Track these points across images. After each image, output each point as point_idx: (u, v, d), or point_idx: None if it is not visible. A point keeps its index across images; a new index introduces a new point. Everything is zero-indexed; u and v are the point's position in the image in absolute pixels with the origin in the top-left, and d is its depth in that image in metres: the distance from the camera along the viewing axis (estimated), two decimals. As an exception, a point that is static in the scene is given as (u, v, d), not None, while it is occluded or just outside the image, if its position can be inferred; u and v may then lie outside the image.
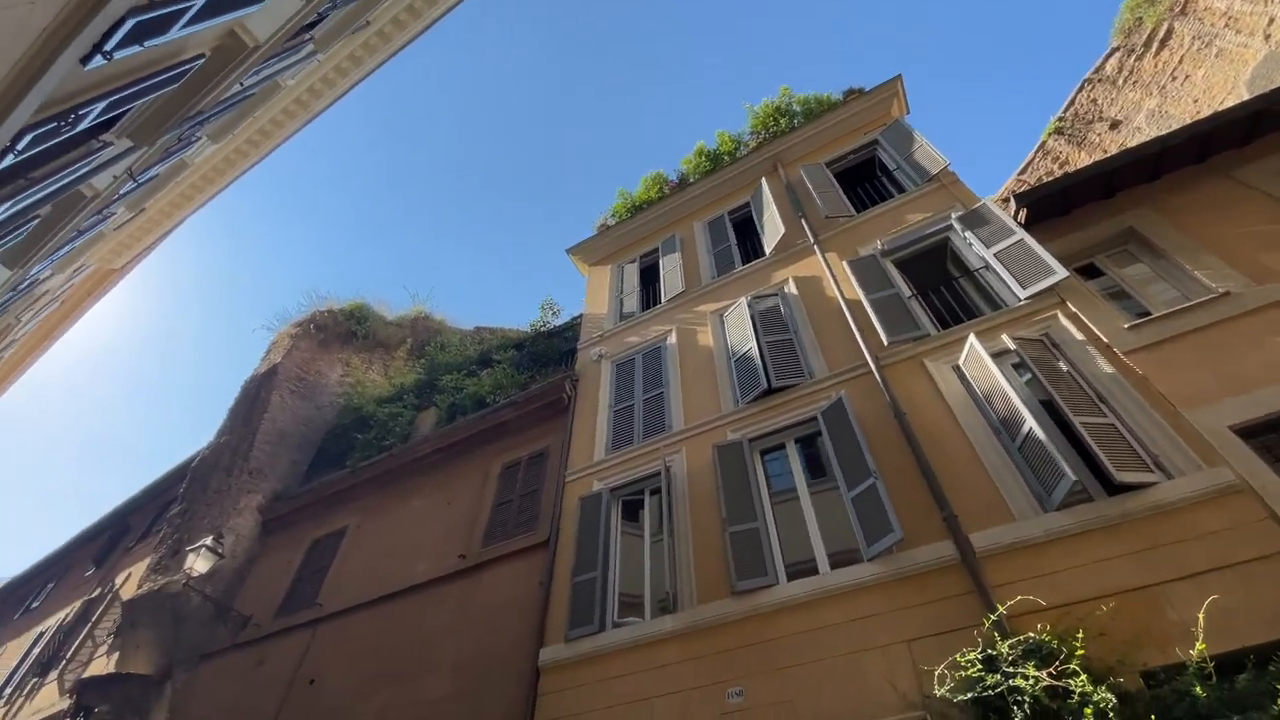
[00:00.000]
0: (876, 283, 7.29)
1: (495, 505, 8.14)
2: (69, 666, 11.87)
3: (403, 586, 7.88)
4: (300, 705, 7.35)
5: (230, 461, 11.56)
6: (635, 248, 11.45)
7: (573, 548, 6.78)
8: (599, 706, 5.39)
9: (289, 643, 8.32)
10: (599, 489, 7.26)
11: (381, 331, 15.12)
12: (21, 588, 19.05)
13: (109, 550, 15.39)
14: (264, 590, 9.54)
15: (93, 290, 19.90)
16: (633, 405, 8.17)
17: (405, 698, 6.57)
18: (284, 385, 12.68)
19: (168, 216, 15.71)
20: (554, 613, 6.37)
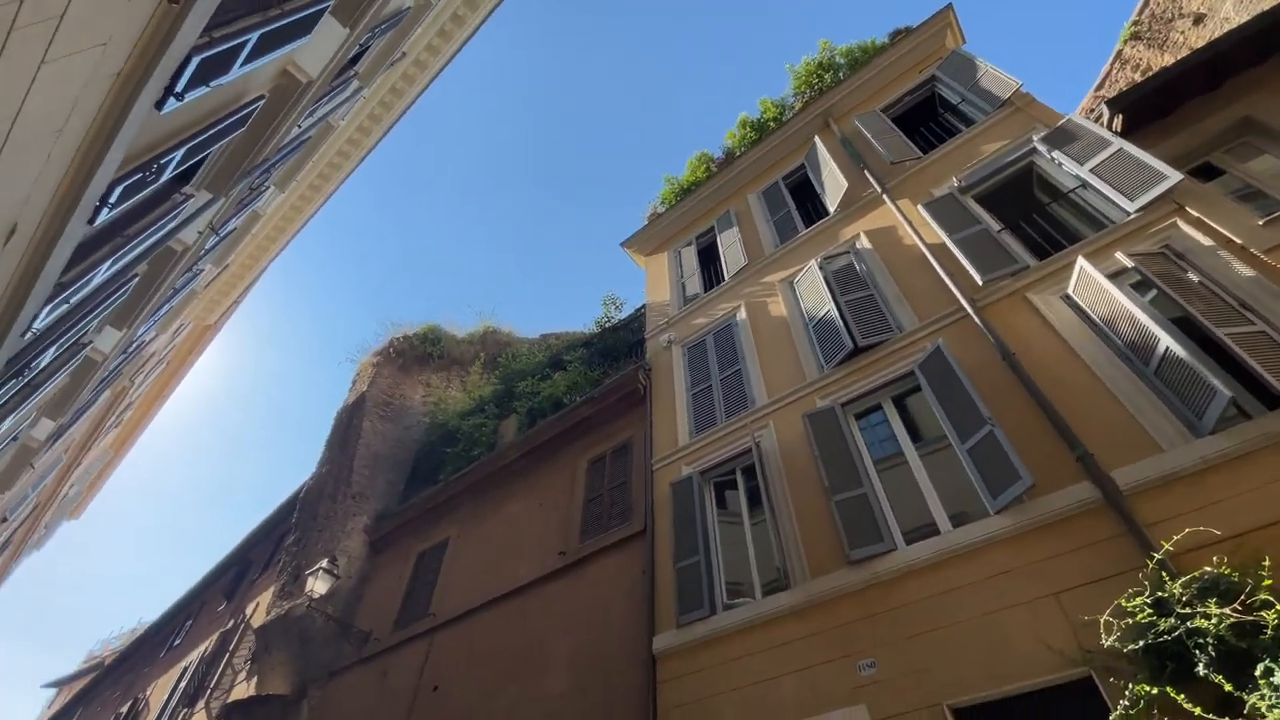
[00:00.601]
0: (959, 222, 6.78)
1: (587, 501, 8.13)
2: (214, 695, 12.82)
3: (509, 589, 8.00)
4: (428, 712, 7.58)
5: (334, 488, 12.16)
6: (689, 230, 11.24)
7: (670, 534, 6.66)
8: (722, 690, 5.23)
9: (409, 653, 8.62)
10: (688, 473, 7.11)
11: (454, 350, 15.55)
12: (164, 628, 20.82)
13: (237, 584, 16.56)
14: (380, 606, 9.94)
15: (193, 348, 21.50)
16: (710, 386, 7.97)
17: (528, 696, 6.64)
18: (373, 411, 13.24)
19: (249, 269, 16.75)
20: (661, 600, 6.27)
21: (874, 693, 4.50)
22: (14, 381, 5.82)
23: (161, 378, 21.84)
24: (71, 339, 6.53)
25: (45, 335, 5.44)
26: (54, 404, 9.25)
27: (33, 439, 9.97)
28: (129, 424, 23.75)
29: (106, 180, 3.93)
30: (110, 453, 25.11)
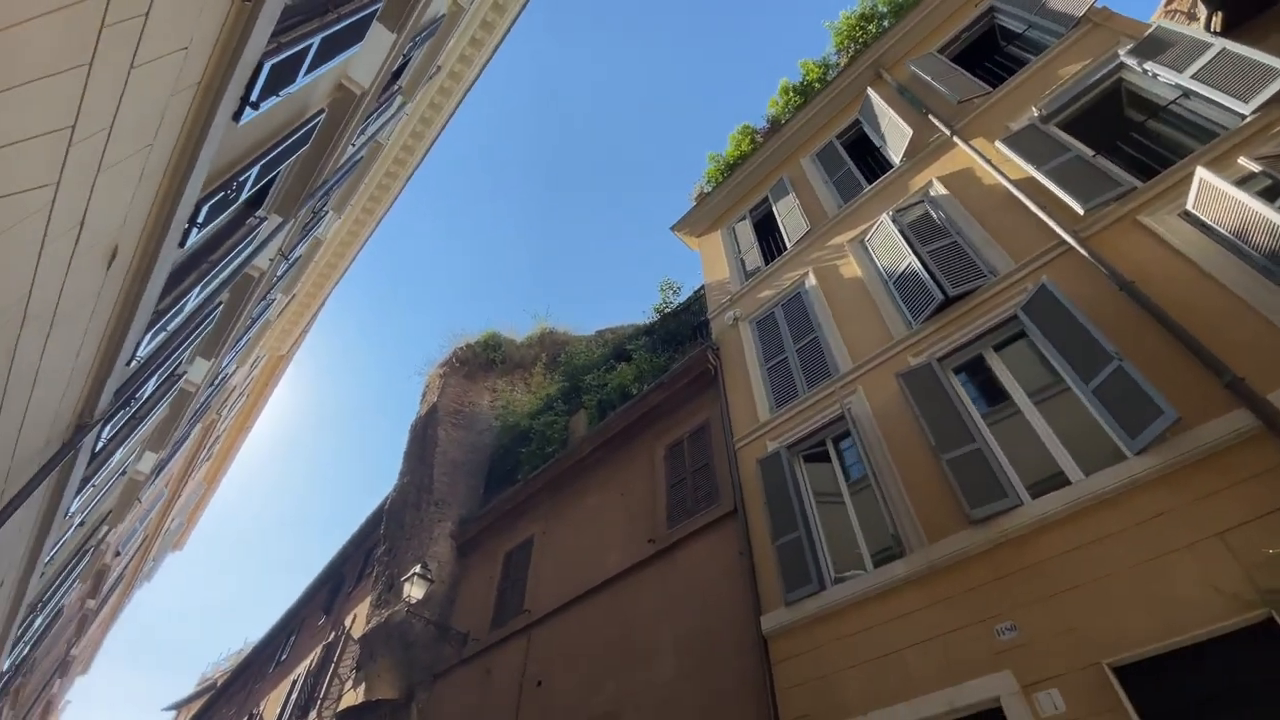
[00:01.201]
0: (1045, 152, 6.28)
1: (670, 487, 7.99)
2: (324, 704, 13.36)
3: (600, 580, 7.94)
4: (535, 707, 7.60)
5: (416, 497, 12.46)
6: (741, 204, 10.94)
7: (764, 511, 6.43)
8: (843, 666, 4.98)
9: (508, 650, 8.69)
10: (775, 449, 6.86)
11: (515, 354, 15.71)
12: (269, 646, 21.92)
13: (333, 598, 17.25)
14: (473, 607, 10.09)
15: (269, 378, 22.45)
16: (786, 358, 7.69)
17: (635, 685, 6.55)
18: (445, 420, 13.50)
19: (315, 296, 17.35)
20: (764, 579, 6.05)
21: (1018, 657, 4.16)
22: (122, 413, 6.11)
23: (243, 410, 22.97)
24: (168, 369, 6.82)
25: (147, 364, 5.67)
26: (155, 437, 9.77)
27: (139, 473, 10.56)
28: (218, 457, 25.10)
29: (194, 199, 4.01)
30: (204, 485, 26.61)
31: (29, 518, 5.67)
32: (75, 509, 6.88)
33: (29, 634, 10.43)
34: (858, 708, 4.71)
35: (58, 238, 2.80)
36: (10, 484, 4.50)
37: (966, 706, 4.20)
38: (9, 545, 5.66)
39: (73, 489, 6.06)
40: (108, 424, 5.75)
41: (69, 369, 4.07)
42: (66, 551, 8.75)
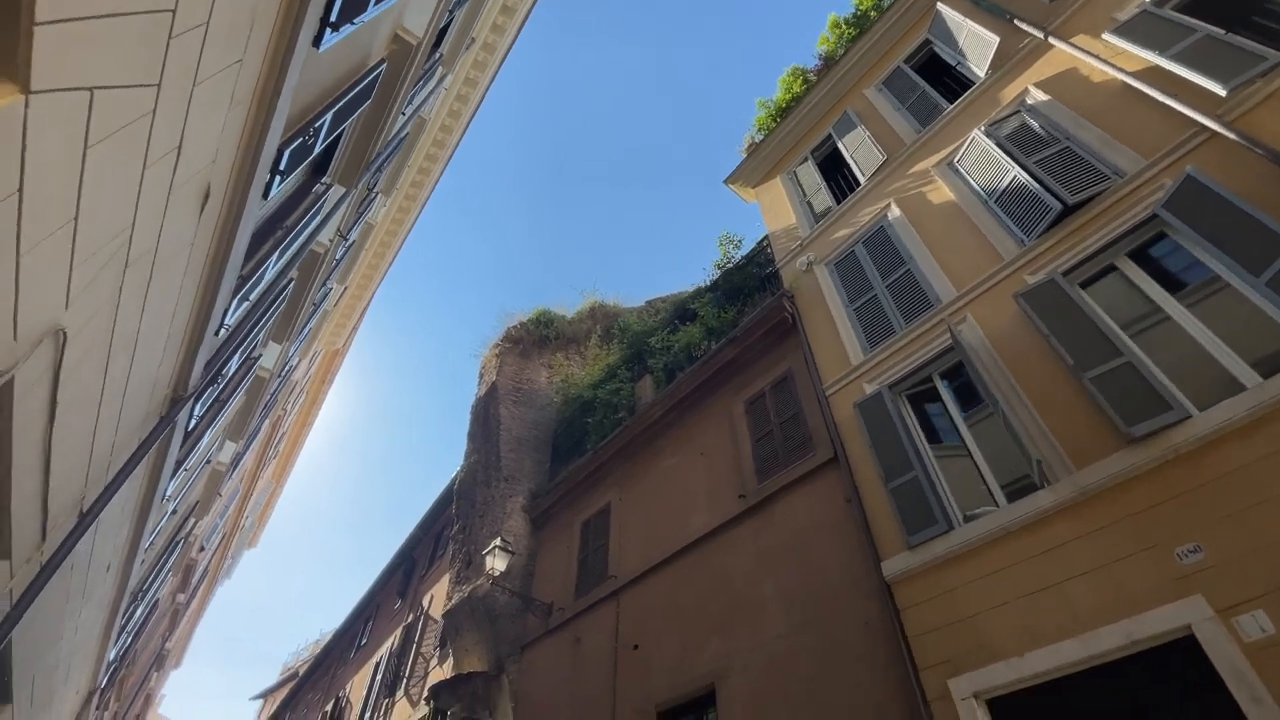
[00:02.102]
0: (1166, 37, 5.61)
1: (755, 441, 7.64)
2: (410, 682, 13.61)
3: (689, 541, 7.68)
4: (633, 670, 7.43)
5: (485, 475, 12.44)
6: (800, 147, 10.37)
7: (870, 455, 6.03)
8: (987, 606, 4.59)
9: (597, 618, 8.55)
10: (874, 390, 6.43)
11: (567, 329, 15.52)
12: (347, 632, 22.61)
13: (407, 582, 17.58)
14: (554, 578, 10.00)
15: (325, 375, 22.85)
16: (875, 296, 7.20)
17: (741, 642, 6.28)
18: (506, 398, 13.42)
19: (364, 289, 17.46)
20: (878, 525, 5.67)
21: (1208, 580, 3.70)
22: (210, 389, 6.07)
23: (303, 408, 23.51)
24: (248, 347, 6.78)
25: (233, 336, 5.59)
26: (234, 426, 9.89)
27: (220, 463, 10.76)
28: (283, 455, 25.82)
29: (276, 142, 3.80)
30: (272, 483, 27.48)
31: (130, 499, 5.69)
32: (170, 492, 6.94)
33: (131, 624, 10.82)
34: (1012, 648, 4.32)
35: (157, 160, 2.59)
36: (116, 457, 4.44)
37: (1150, 638, 3.77)
38: (113, 529, 5.70)
39: (168, 471, 6.07)
40: (198, 400, 5.70)
41: (165, 331, 3.94)
42: (161, 541, 8.96)
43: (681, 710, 6.68)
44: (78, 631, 6.55)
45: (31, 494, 3.25)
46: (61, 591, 5.03)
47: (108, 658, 10.00)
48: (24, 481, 3.06)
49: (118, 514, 5.48)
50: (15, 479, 2.92)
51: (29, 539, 3.64)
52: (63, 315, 2.51)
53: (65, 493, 3.78)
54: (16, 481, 2.94)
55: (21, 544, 3.56)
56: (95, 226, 2.38)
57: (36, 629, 4.97)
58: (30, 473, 3.07)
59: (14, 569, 3.61)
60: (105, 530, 5.30)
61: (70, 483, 3.77)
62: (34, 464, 3.04)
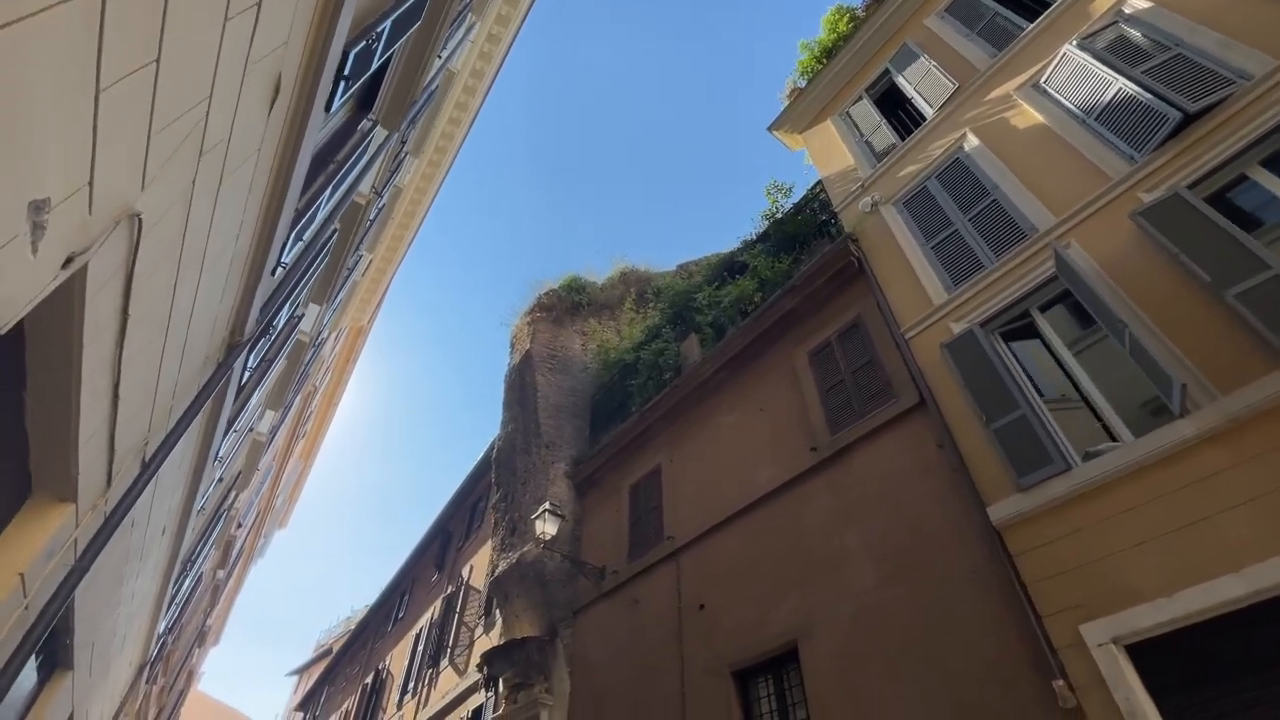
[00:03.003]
0: (1303, -81, 5.00)
1: (824, 392, 7.23)
2: (455, 651, 13.56)
3: (755, 497, 7.34)
4: (700, 631, 7.16)
5: (525, 443, 12.18)
6: (853, 86, 9.77)
7: (966, 396, 5.61)
8: (1122, 546, 4.19)
9: (656, 579, 8.29)
10: (963, 330, 5.99)
11: (599, 296, 15.13)
12: (383, 607, 22.76)
13: (444, 554, 17.53)
14: (604, 542, 9.75)
15: (350, 353, 22.67)
16: (955, 231, 6.71)
17: (824, 597, 5.96)
18: (541, 366, 13.11)
19: (389, 261, 17.14)
20: (979, 470, 5.27)
21: (1407, 508, 3.27)
22: (262, 342, 5.77)
23: (329, 386, 23.42)
24: (295, 299, 6.47)
25: (284, 282, 5.26)
26: (274, 393, 9.67)
27: (259, 434, 10.57)
28: (311, 434, 25.86)
29: (343, 40, 3.40)
30: (301, 463, 27.58)
31: (186, 456, 5.43)
32: (221, 453, 6.71)
33: (179, 595, 10.77)
34: (1157, 589, 3.92)
35: (237, 14, 2.19)
36: (177, 401, 4.14)
37: (1336, 571, 3.36)
38: (169, 489, 5.45)
39: (221, 428, 5.81)
40: (252, 350, 5.40)
41: (229, 254, 3.60)
42: (209, 509, 8.79)
43: (758, 670, 6.40)
44: (134, 597, 6.38)
45: (99, 425, 2.94)
46: (121, 550, 4.80)
47: (158, 629, 9.95)
48: (92, 408, 2.74)
49: (174, 471, 5.23)
50: (84, 402, 2.60)
51: (95, 482, 3.35)
52: (139, 197, 2.14)
53: (131, 433, 3.48)
54: (85, 405, 2.62)
55: (88, 487, 3.27)
56: (176, 83, 2.00)
57: (97, 590, 4.75)
58: (99, 398, 2.75)
59: (79, 516, 3.32)
60: (163, 488, 5.05)
61: (135, 422, 3.47)
62: (103, 387, 2.72)
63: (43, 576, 3.12)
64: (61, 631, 4.47)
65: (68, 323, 2.14)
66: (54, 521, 3.00)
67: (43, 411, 2.52)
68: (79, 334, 2.20)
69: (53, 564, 3.19)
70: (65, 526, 3.15)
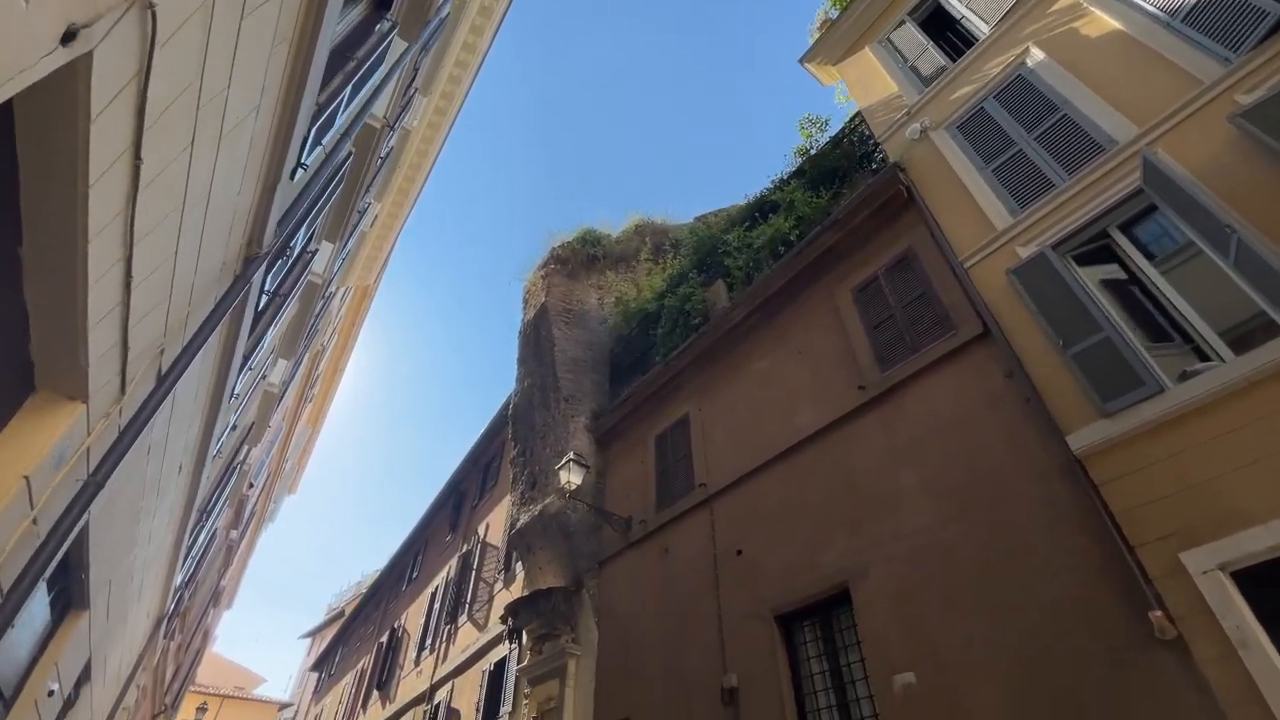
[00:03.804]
0: None
1: (872, 329, 6.83)
2: (474, 607, 13.46)
3: (794, 441, 7.02)
4: (738, 577, 6.91)
5: (542, 398, 11.85)
6: (893, 11, 9.11)
7: (1038, 323, 5.22)
8: (1230, 467, 3.84)
9: (687, 527, 8.03)
10: (1032, 254, 5.56)
11: (615, 249, 14.64)
12: (396, 568, 22.80)
13: (457, 514, 17.39)
14: (629, 493, 9.48)
15: (357, 314, 22.22)
16: (1019, 152, 6.23)
17: (877, 537, 5.66)
18: (558, 320, 12.70)
19: (394, 217, 16.59)
20: (1055, 398, 4.91)
21: None
22: (280, 263, 5.36)
23: (336, 349, 23.06)
24: (312, 221, 6.03)
25: (301, 196, 4.81)
26: (286, 340, 9.30)
27: (271, 385, 10.23)
28: (318, 398, 25.60)
29: None
30: (309, 427, 27.40)
31: (202, 386, 5.06)
32: (237, 390, 6.36)
33: (195, 549, 10.58)
34: (1270, 510, 3.58)
35: None
36: (194, 311, 3.75)
37: None
38: (185, 420, 5.10)
39: (236, 362, 5.43)
40: (269, 270, 4.99)
41: (248, 135, 3.16)
42: (224, 457, 8.50)
43: (803, 613, 6.15)
44: (150, 540, 6.10)
45: (110, 309, 2.55)
46: (138, 480, 4.47)
47: (175, 582, 9.77)
48: (102, 283, 2.35)
49: (190, 403, 4.88)
50: (92, 269, 2.21)
51: (108, 384, 2.98)
52: (151, -20, 1.71)
53: (145, 332, 3.10)
54: (94, 273, 2.23)
55: (101, 390, 2.90)
56: None
57: (113, 522, 4.44)
58: (108, 267, 2.36)
59: (91, 422, 2.96)
60: (179, 418, 4.70)
61: (150, 320, 3.09)
62: (113, 254, 2.32)
63: (52, 487, 2.78)
64: (76, 565, 4.16)
65: (71, 140, 1.73)
66: (62, 422, 2.64)
67: (44, 274, 2.12)
68: (84, 160, 1.80)
69: (63, 474, 2.84)
70: (75, 431, 2.79)
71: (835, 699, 5.57)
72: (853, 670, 5.53)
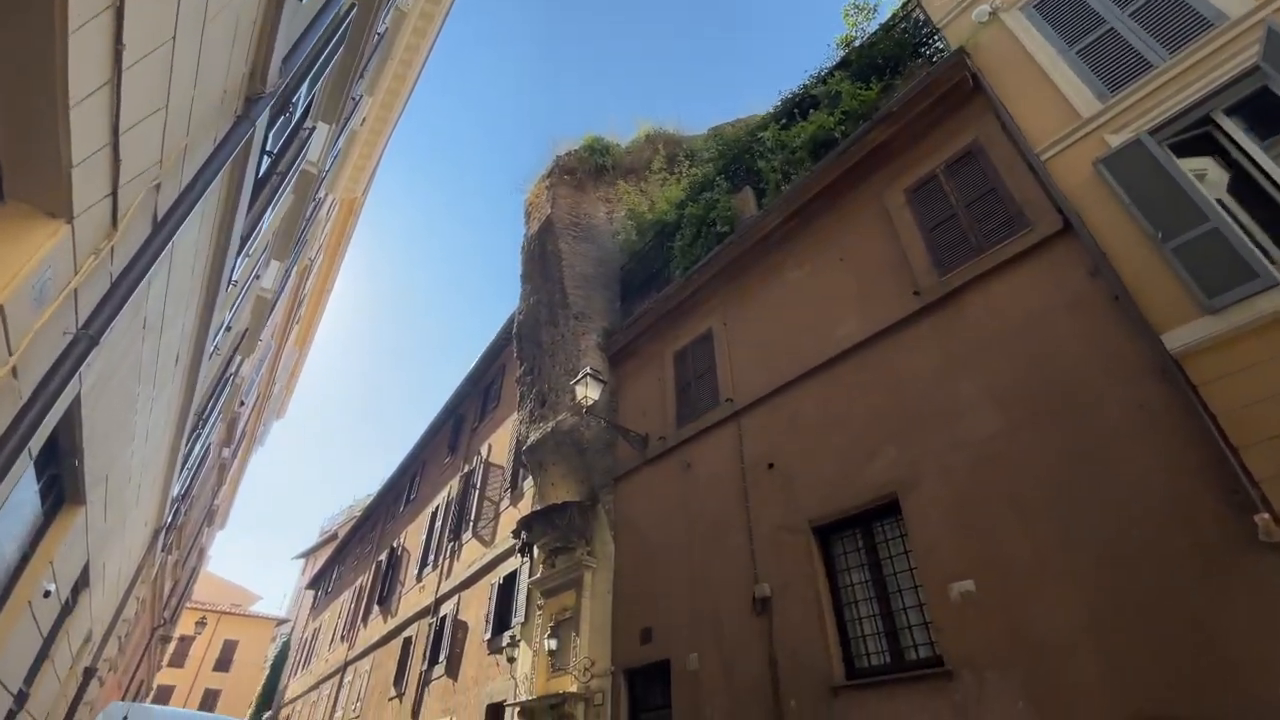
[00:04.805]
0: None
1: (929, 231, 6.32)
2: (479, 524, 13.37)
3: (837, 351, 6.63)
4: (770, 489, 6.68)
5: (550, 315, 11.31)
6: (959, -118, 8.11)
7: (1133, 215, 4.74)
8: (1364, 365, 3.48)
9: (711, 442, 7.75)
10: (1125, 141, 5.01)
11: (624, 159, 13.73)
12: (392, 490, 22.76)
13: (457, 436, 17.13)
14: (645, 410, 9.16)
15: (344, 229, 21.14)
16: (1109, 30, 5.56)
17: (932, 448, 5.37)
18: (565, 233, 11.98)
19: (384, 121, 15.42)
20: (1148, 295, 4.50)
21: None
22: (282, 122, 4.66)
23: (323, 267, 22.09)
24: (317, 75, 5.27)
25: (306, 35, 4.08)
26: (280, 239, 8.58)
27: (264, 289, 9.56)
28: (305, 319, 24.78)
29: None
30: (296, 350, 26.69)
31: (200, 258, 4.46)
32: (236, 277, 5.75)
33: (190, 460, 10.18)
34: None
35: None
36: (191, 152, 3.13)
37: None
38: (182, 295, 4.52)
39: (237, 235, 4.81)
40: (271, 127, 4.31)
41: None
42: (220, 357, 7.95)
43: (843, 525, 5.92)
44: (148, 438, 5.64)
45: (95, 77, 1.95)
46: (134, 359, 3.95)
47: (172, 493, 9.41)
48: (84, 55, 1.75)
49: (187, 276, 4.30)
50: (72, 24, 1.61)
51: (96, 208, 2.41)
52: None
53: (139, 149, 2.50)
54: (74, 41, 1.63)
55: (89, 215, 2.34)
56: None
57: (108, 406, 3.94)
58: (91, 39, 1.75)
59: (78, 255, 2.41)
60: (176, 292, 4.14)
61: (144, 135, 2.48)
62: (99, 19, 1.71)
63: (34, 330, 2.25)
64: (68, 449, 3.69)
65: None
66: (39, 243, 2.09)
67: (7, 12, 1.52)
68: None
69: (46, 316, 2.31)
70: (58, 260, 2.24)
71: (878, 608, 5.41)
72: (899, 580, 5.36)
